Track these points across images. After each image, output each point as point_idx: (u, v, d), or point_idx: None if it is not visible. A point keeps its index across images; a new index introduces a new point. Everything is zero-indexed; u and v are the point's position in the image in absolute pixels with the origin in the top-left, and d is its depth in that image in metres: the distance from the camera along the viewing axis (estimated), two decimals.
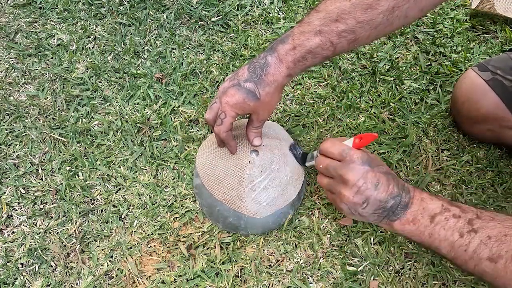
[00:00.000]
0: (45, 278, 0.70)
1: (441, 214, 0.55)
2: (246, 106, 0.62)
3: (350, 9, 0.57)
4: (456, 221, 0.54)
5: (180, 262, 0.71)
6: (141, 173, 0.80)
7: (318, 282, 0.70)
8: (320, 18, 0.59)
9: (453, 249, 0.53)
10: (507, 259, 0.49)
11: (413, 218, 0.56)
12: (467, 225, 0.53)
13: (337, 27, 0.58)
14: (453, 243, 0.53)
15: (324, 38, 0.59)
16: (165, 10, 1.01)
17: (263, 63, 0.62)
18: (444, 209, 0.55)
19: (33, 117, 0.85)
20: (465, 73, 0.83)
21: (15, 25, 0.97)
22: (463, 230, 0.53)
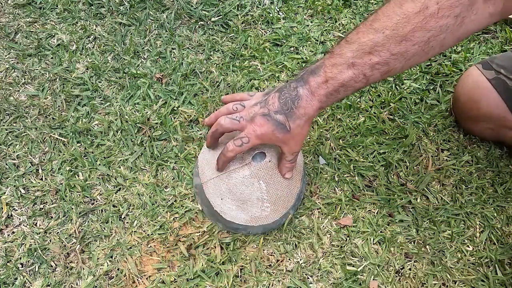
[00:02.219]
0: (45, 278, 0.70)
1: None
2: (274, 138, 0.63)
3: (384, 41, 0.56)
4: None
5: (180, 262, 0.71)
6: (141, 173, 0.80)
7: (318, 282, 0.70)
8: (353, 50, 0.58)
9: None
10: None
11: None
12: None
13: (371, 60, 0.57)
14: None
15: (357, 71, 0.58)
16: (165, 10, 1.01)
17: (295, 95, 0.61)
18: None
19: (33, 117, 0.85)
20: (467, 71, 0.83)
21: (15, 25, 0.97)
22: None
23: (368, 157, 0.82)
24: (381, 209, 0.77)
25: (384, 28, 0.56)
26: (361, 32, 0.58)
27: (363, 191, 0.79)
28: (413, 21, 0.55)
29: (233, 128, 0.65)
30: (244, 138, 0.63)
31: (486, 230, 0.75)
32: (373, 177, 0.80)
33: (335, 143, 0.83)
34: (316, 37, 0.98)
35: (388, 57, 0.57)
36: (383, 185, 0.79)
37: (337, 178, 0.80)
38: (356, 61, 0.58)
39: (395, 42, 0.56)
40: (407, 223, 0.76)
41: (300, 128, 0.62)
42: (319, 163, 0.81)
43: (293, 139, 0.63)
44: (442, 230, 0.75)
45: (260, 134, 0.62)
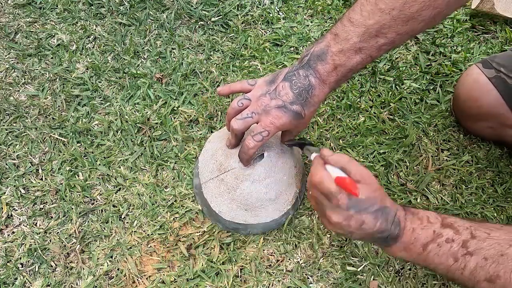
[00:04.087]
0: (45, 278, 0.70)
1: (433, 241, 0.54)
2: (291, 126, 0.64)
3: (391, 23, 0.56)
4: (450, 246, 0.52)
5: (180, 262, 0.71)
6: (141, 173, 0.80)
7: (318, 282, 0.70)
8: (359, 34, 0.57)
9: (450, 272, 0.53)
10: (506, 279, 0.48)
11: (405, 247, 0.55)
12: (461, 249, 0.52)
13: (377, 42, 0.58)
14: (448, 267, 0.52)
15: (365, 55, 0.59)
16: (165, 10, 1.01)
17: (307, 85, 0.61)
18: (437, 235, 0.54)
19: (33, 117, 0.85)
20: (467, 70, 0.83)
21: (15, 25, 0.97)
22: (457, 255, 0.52)
23: (368, 157, 0.82)
24: None
25: (391, 8, 0.55)
26: (366, 13, 0.56)
27: None
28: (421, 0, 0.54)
29: (248, 126, 0.65)
30: (263, 132, 0.63)
31: None
32: None
33: (335, 143, 0.83)
34: (316, 37, 0.98)
35: (394, 37, 0.57)
36: (383, 185, 0.79)
37: None
38: (363, 45, 0.57)
39: (402, 22, 0.55)
40: None
41: (311, 113, 0.64)
42: None
43: (304, 123, 0.65)
44: None
45: (279, 125, 0.63)
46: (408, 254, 0.56)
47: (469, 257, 0.51)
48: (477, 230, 0.53)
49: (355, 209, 0.53)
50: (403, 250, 0.56)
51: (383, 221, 0.55)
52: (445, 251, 0.53)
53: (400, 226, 0.55)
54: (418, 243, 0.54)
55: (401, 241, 0.56)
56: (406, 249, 0.55)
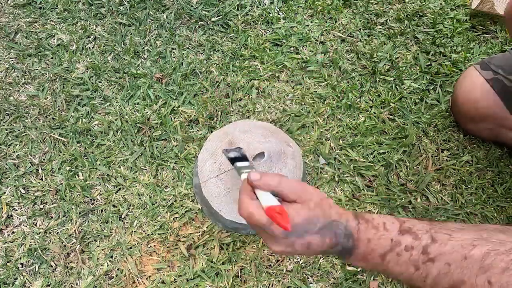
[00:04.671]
0: (45, 278, 0.70)
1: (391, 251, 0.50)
2: None
3: None
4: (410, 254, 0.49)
5: (180, 262, 0.71)
6: (141, 173, 0.80)
7: (318, 282, 0.70)
8: None
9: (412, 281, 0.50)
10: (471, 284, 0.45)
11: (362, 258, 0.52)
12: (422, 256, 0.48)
13: None
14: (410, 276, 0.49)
15: None
16: (165, 10, 1.01)
17: None
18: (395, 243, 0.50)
19: (33, 117, 0.85)
20: (465, 72, 0.83)
21: (15, 25, 0.97)
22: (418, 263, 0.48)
23: (368, 157, 0.82)
24: (381, 209, 0.77)
25: None
26: None
27: (363, 191, 0.79)
28: None
29: None
30: None
31: None
32: (373, 177, 0.80)
33: (335, 143, 0.83)
34: (316, 37, 0.98)
35: None
36: (383, 185, 0.79)
37: (337, 178, 0.80)
38: None
39: None
40: None
41: None
42: (319, 163, 0.81)
43: None
44: None
45: None
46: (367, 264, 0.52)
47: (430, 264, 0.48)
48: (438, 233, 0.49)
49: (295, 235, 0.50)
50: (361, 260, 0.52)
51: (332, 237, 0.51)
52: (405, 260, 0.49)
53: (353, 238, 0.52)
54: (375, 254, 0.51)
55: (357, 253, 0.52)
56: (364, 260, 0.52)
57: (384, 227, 0.52)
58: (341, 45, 0.97)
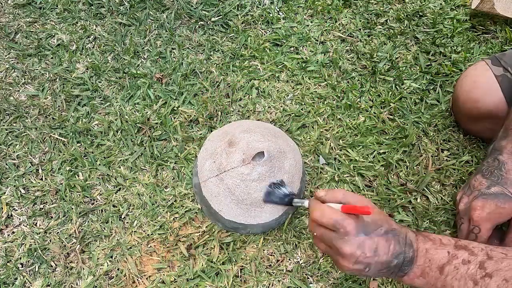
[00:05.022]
0: (45, 278, 0.70)
1: (449, 263, 0.51)
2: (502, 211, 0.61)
3: None
4: (467, 268, 0.50)
5: (180, 262, 0.71)
6: (141, 173, 0.80)
7: (318, 282, 0.70)
8: None
9: None
10: None
11: (421, 272, 0.53)
12: (479, 270, 0.50)
13: None
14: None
15: None
16: (165, 10, 1.01)
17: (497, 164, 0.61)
18: (452, 256, 0.52)
19: (33, 117, 0.85)
20: (466, 71, 0.83)
21: (15, 25, 0.97)
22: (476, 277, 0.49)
23: (368, 157, 0.82)
24: (381, 209, 0.77)
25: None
26: None
27: (363, 191, 0.79)
28: None
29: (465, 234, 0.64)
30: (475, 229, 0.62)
31: None
32: (373, 177, 0.80)
33: (335, 143, 0.83)
34: (316, 37, 0.98)
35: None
36: (383, 185, 0.79)
37: (337, 178, 0.80)
38: None
39: None
40: (407, 223, 0.76)
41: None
42: (319, 163, 0.81)
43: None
44: (442, 230, 0.75)
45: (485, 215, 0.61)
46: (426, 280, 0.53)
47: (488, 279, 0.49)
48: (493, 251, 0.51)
49: (364, 233, 0.52)
50: (420, 275, 0.53)
51: (396, 243, 0.53)
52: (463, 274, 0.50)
53: (413, 247, 0.54)
54: (433, 265, 0.52)
55: (417, 265, 0.53)
56: (423, 274, 0.53)
57: (441, 242, 0.54)
58: (341, 45, 0.97)
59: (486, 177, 0.63)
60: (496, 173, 0.62)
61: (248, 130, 0.74)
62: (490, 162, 0.63)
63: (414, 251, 0.53)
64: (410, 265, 0.53)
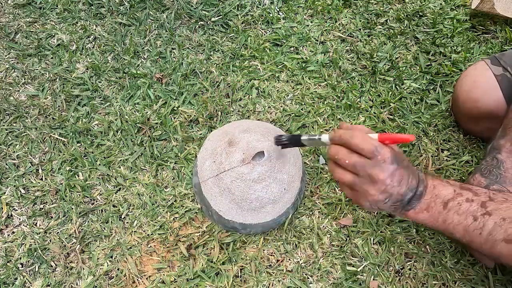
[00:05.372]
0: (45, 278, 0.70)
1: (453, 199, 0.55)
2: None
3: None
4: (469, 205, 0.54)
5: (180, 262, 0.71)
6: (141, 173, 0.80)
7: (318, 282, 0.70)
8: None
9: (468, 233, 0.53)
10: None
11: (427, 206, 0.56)
12: (480, 208, 0.53)
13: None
14: (467, 227, 0.53)
15: None
16: (165, 10, 1.01)
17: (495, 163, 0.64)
18: (457, 194, 0.55)
19: (33, 117, 0.85)
20: (466, 71, 0.83)
21: (15, 25, 0.97)
22: (476, 214, 0.53)
23: None
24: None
25: None
26: None
27: None
28: None
29: None
30: None
31: None
32: None
33: None
34: (316, 37, 0.98)
35: None
36: None
37: None
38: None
39: None
40: (407, 223, 0.76)
41: None
42: (319, 163, 0.81)
43: None
44: None
45: None
46: (429, 214, 0.56)
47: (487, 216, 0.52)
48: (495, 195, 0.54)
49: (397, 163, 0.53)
50: (425, 209, 0.56)
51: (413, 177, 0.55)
52: (464, 210, 0.53)
53: (424, 184, 0.56)
54: (439, 200, 0.55)
55: (423, 200, 0.56)
56: (428, 209, 0.56)
57: (448, 182, 0.57)
58: (341, 45, 0.97)
59: (485, 176, 0.65)
60: (495, 172, 0.63)
61: (248, 130, 0.74)
62: (489, 161, 0.65)
63: (424, 186, 0.56)
64: (418, 199, 0.56)
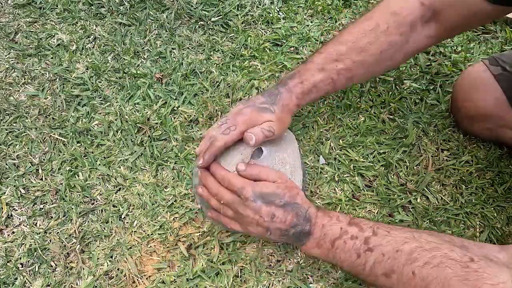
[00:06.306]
0: (45, 278, 0.70)
1: (340, 238, 0.59)
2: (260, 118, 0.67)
3: (347, 51, 0.69)
4: (353, 242, 0.58)
5: (180, 262, 0.71)
6: (141, 173, 0.80)
7: (318, 282, 0.70)
8: (322, 58, 0.70)
9: (353, 268, 0.58)
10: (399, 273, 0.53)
11: (317, 244, 0.61)
12: (363, 245, 0.57)
13: (337, 66, 0.69)
14: (352, 263, 0.58)
15: (326, 75, 0.69)
16: (165, 10, 1.01)
17: (277, 92, 0.70)
18: (343, 232, 0.59)
19: (33, 117, 0.85)
20: (465, 71, 0.83)
21: (15, 25, 0.97)
22: (359, 251, 0.57)
23: (368, 157, 0.82)
24: (381, 209, 0.77)
25: (347, 41, 0.69)
26: (330, 45, 0.71)
27: (363, 191, 0.79)
28: (369, 36, 0.68)
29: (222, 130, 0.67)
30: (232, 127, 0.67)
31: (486, 230, 0.75)
32: (373, 177, 0.80)
33: (335, 143, 0.83)
34: (316, 37, 0.98)
35: (350, 64, 0.69)
36: (383, 185, 0.79)
37: (337, 178, 0.80)
38: (325, 67, 0.69)
39: (356, 52, 0.68)
40: (407, 223, 0.76)
41: (282, 113, 0.69)
42: (319, 163, 0.81)
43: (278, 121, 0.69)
44: (442, 230, 0.75)
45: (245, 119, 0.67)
46: (320, 251, 0.61)
47: (369, 253, 0.56)
48: (379, 229, 0.58)
49: (261, 201, 0.61)
50: (316, 246, 0.61)
51: (294, 216, 0.61)
52: (349, 247, 0.58)
53: (311, 222, 0.61)
54: (327, 239, 0.60)
55: (313, 238, 0.61)
56: (318, 246, 0.61)
57: (337, 218, 0.62)
58: None
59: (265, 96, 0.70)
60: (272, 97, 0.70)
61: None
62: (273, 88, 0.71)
63: (311, 225, 0.61)
64: (307, 236, 0.61)
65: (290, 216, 0.61)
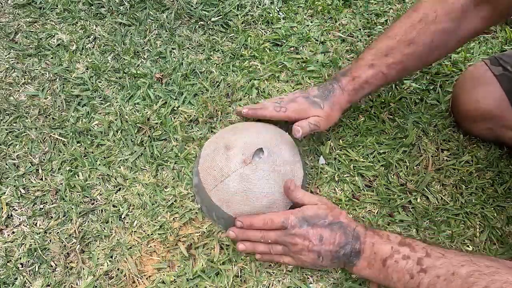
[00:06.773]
0: (45, 278, 0.70)
1: (391, 257, 0.58)
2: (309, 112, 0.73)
3: (396, 45, 0.70)
4: (406, 262, 0.56)
5: (180, 262, 0.71)
6: (141, 173, 0.80)
7: (318, 282, 0.70)
8: (372, 53, 0.73)
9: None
10: None
11: (368, 263, 0.60)
12: (416, 266, 0.55)
13: (387, 61, 0.72)
14: (405, 283, 0.56)
15: (376, 70, 0.72)
16: (165, 10, 1.01)
17: (330, 88, 0.75)
18: (394, 251, 0.58)
19: (33, 117, 0.85)
20: (466, 71, 0.83)
21: (15, 25, 0.97)
22: (413, 272, 0.55)
23: (368, 157, 0.82)
24: (381, 209, 0.77)
25: (396, 34, 0.71)
26: (379, 40, 0.73)
27: (363, 191, 0.79)
28: (417, 27, 0.69)
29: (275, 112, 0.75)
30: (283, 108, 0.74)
31: (486, 230, 0.75)
32: (373, 177, 0.80)
33: (335, 143, 0.83)
34: (316, 37, 0.98)
35: (401, 57, 0.71)
36: (383, 185, 0.79)
37: (337, 178, 0.80)
38: (375, 62, 0.72)
39: (405, 44, 0.70)
40: (407, 223, 0.76)
41: (331, 111, 0.75)
42: (319, 163, 0.81)
43: (326, 118, 0.74)
44: (442, 230, 0.75)
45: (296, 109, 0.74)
46: (371, 270, 0.60)
47: (423, 274, 0.54)
48: (433, 250, 0.56)
49: (306, 224, 0.62)
50: (367, 267, 0.60)
51: (342, 234, 0.61)
52: (401, 267, 0.56)
53: (360, 240, 0.61)
54: (378, 257, 0.59)
55: (363, 257, 0.60)
56: (369, 265, 0.60)
57: (387, 238, 0.60)
58: (341, 45, 0.97)
59: (319, 90, 0.76)
60: (325, 93, 0.75)
61: (240, 130, 0.75)
62: (327, 84, 0.76)
63: (361, 243, 0.60)
64: (357, 256, 0.61)
65: (338, 235, 0.61)
